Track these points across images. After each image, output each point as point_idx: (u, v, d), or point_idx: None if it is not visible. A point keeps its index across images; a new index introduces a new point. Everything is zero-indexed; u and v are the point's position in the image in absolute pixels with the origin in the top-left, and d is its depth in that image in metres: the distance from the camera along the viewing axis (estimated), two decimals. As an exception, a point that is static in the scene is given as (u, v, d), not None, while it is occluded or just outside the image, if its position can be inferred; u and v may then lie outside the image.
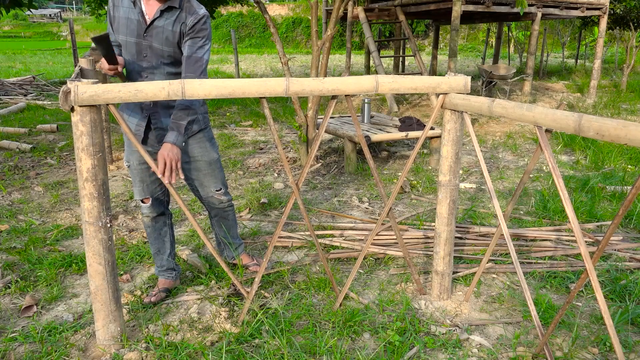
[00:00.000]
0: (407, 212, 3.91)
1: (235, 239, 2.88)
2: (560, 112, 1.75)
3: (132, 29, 2.25)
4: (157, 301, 2.55)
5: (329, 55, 4.84)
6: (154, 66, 2.30)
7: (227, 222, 2.79)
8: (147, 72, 2.31)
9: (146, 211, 2.54)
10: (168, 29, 2.24)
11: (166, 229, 2.63)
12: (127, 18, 2.25)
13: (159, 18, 2.23)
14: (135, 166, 2.43)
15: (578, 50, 17.28)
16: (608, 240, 1.68)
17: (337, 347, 2.13)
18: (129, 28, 2.25)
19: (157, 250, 2.63)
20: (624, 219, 3.67)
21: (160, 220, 2.59)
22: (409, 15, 9.71)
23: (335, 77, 2.09)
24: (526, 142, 6.47)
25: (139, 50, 2.27)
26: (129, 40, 2.27)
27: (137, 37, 2.25)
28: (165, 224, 2.62)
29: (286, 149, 5.89)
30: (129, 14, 2.26)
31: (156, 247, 2.63)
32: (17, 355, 2.14)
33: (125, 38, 2.27)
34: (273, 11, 33.72)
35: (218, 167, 2.58)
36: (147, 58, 2.28)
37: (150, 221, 2.57)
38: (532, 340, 2.26)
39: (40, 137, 6.33)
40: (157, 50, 2.26)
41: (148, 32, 2.24)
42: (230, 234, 2.83)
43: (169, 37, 2.25)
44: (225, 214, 2.76)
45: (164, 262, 2.64)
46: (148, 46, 2.26)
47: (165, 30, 2.24)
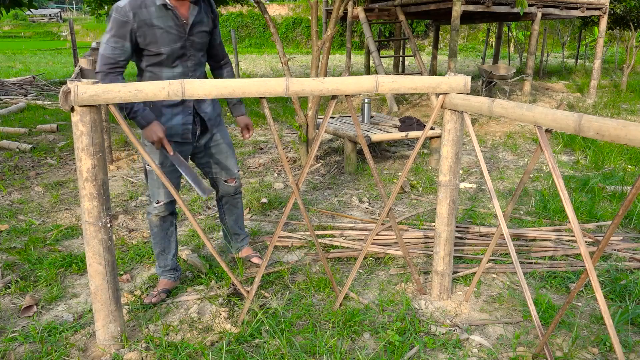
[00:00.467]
0: (407, 212, 3.91)
1: (242, 230, 2.99)
2: (560, 112, 1.75)
3: (173, 36, 2.28)
4: (157, 302, 2.56)
5: (329, 55, 4.84)
6: (195, 62, 2.42)
7: (237, 211, 2.90)
8: (190, 70, 2.41)
9: (157, 211, 2.55)
10: (204, 22, 2.39)
11: (172, 228, 2.64)
12: (163, 28, 2.25)
13: (198, 14, 2.35)
14: (167, 167, 2.47)
15: (578, 50, 17.28)
16: (608, 240, 1.68)
17: (337, 347, 2.14)
18: (169, 37, 2.27)
19: (162, 249, 2.63)
20: (624, 219, 3.68)
21: (168, 220, 2.61)
22: (409, 15, 9.71)
23: (335, 77, 2.09)
24: (526, 142, 6.47)
25: (184, 53, 2.35)
26: (174, 48, 2.30)
27: (182, 41, 2.32)
28: (172, 223, 2.64)
29: (286, 149, 5.89)
30: (164, 22, 2.25)
31: (161, 247, 2.63)
32: (17, 355, 2.14)
33: (169, 47, 2.28)
34: (273, 11, 33.72)
35: (234, 150, 2.76)
36: (191, 57, 2.39)
37: (159, 220, 2.58)
38: (532, 340, 2.26)
39: (40, 137, 6.33)
40: (197, 46, 2.40)
41: (190, 32, 2.34)
42: (238, 224, 2.93)
43: (205, 30, 2.41)
44: (235, 202, 2.86)
45: (168, 262, 2.65)
46: (191, 45, 2.37)
47: (203, 25, 2.39)
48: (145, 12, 2.21)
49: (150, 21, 2.22)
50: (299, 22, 32.01)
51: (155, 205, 2.54)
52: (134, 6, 2.19)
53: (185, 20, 2.31)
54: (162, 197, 2.51)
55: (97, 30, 36.72)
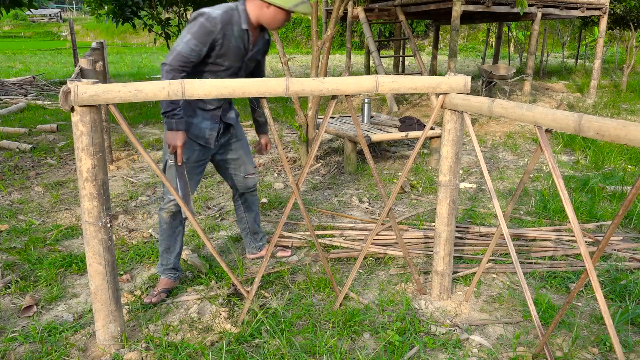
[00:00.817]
0: (407, 212, 3.91)
1: (261, 228, 3.06)
2: (560, 112, 1.75)
3: (238, 55, 2.47)
4: (157, 302, 2.56)
5: (329, 55, 4.84)
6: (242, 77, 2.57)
7: (255, 208, 2.98)
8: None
9: (168, 206, 2.57)
10: (260, 50, 2.59)
11: (181, 228, 2.66)
12: (237, 47, 2.44)
13: (261, 43, 2.57)
14: (190, 163, 2.56)
15: (578, 50, 17.28)
16: (608, 240, 1.68)
17: (337, 347, 2.14)
18: (236, 55, 2.46)
19: (167, 247, 2.64)
20: (624, 219, 3.68)
21: (178, 218, 2.62)
22: (409, 15, 9.71)
23: (335, 77, 2.09)
24: (526, 142, 6.47)
25: (237, 72, 2.53)
26: (235, 65, 2.49)
27: (242, 62, 2.51)
28: (182, 222, 2.66)
29: (286, 149, 5.89)
30: (238, 42, 2.43)
31: (167, 245, 2.64)
32: (17, 355, 2.14)
33: (232, 64, 2.47)
34: (273, 11, 33.66)
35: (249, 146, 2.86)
36: (240, 75, 2.56)
37: (169, 217, 2.60)
38: (532, 340, 2.26)
39: (40, 137, 6.33)
40: (249, 67, 2.60)
41: (250, 56, 2.53)
42: (256, 222, 3.01)
43: (258, 58, 2.62)
44: (254, 198, 2.94)
45: (171, 261, 2.65)
46: (245, 66, 2.56)
47: (259, 52, 2.59)
48: (230, 29, 2.38)
49: (230, 38, 2.39)
50: (299, 22, 32.00)
51: (169, 199, 2.56)
52: (224, 21, 2.35)
53: (252, 44, 2.51)
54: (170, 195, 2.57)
55: (97, 30, 36.71)
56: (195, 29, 2.30)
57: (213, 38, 2.33)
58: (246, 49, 2.48)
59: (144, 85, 1.91)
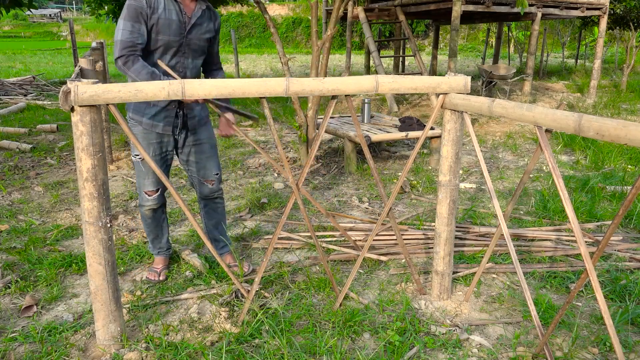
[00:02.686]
0: (407, 212, 3.91)
1: (223, 236, 2.94)
2: (560, 112, 1.75)
3: (174, 29, 2.41)
4: (165, 278, 2.77)
5: (329, 55, 4.84)
6: (189, 64, 2.52)
7: (217, 215, 2.89)
8: (182, 66, 2.51)
9: (150, 203, 2.67)
10: (204, 27, 2.50)
11: (164, 216, 2.82)
12: (167, 19, 2.38)
13: (200, 17, 2.47)
14: (152, 157, 2.57)
15: (578, 50, 17.28)
16: (608, 240, 1.68)
17: (337, 347, 2.13)
18: (171, 28, 2.40)
19: (156, 236, 2.81)
20: (624, 219, 3.67)
21: (159, 210, 2.76)
22: (409, 15, 9.71)
23: (335, 77, 2.09)
24: (526, 142, 6.47)
25: (178, 47, 2.45)
26: (172, 39, 2.42)
27: (180, 36, 2.43)
28: (164, 212, 2.80)
29: (286, 149, 5.89)
30: (167, 15, 2.38)
31: (154, 234, 2.81)
32: (17, 355, 2.14)
33: (168, 38, 2.41)
34: (273, 11, 33.71)
35: (217, 152, 2.79)
36: (185, 53, 2.48)
37: (152, 213, 2.72)
38: (532, 340, 2.26)
39: (40, 137, 6.33)
40: (194, 46, 2.49)
41: (190, 30, 2.45)
42: (217, 229, 2.91)
43: (205, 34, 2.52)
44: (215, 206, 2.87)
45: (163, 244, 2.84)
46: (187, 43, 2.47)
47: (203, 29, 2.50)
48: (156, 2, 2.36)
49: (158, 10, 2.36)
50: (299, 22, 32.00)
51: (147, 198, 2.65)
52: None
53: (188, 16, 2.44)
54: (148, 187, 2.63)
55: (97, 30, 36.70)
56: (125, 13, 2.34)
57: (144, 14, 2.33)
58: (182, 22, 2.42)
59: (144, 85, 1.91)
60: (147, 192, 2.63)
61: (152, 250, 2.86)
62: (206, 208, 2.87)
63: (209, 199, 2.82)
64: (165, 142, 2.60)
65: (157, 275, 2.76)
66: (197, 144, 2.67)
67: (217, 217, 2.89)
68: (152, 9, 2.34)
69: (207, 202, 2.84)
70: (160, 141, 2.58)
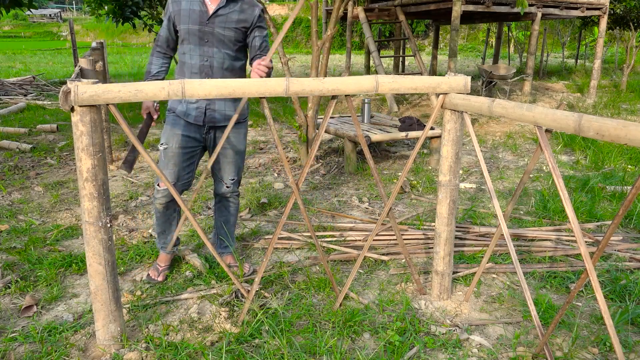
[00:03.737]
0: (407, 212, 3.91)
1: (228, 238, 2.95)
2: (560, 112, 1.75)
3: (194, 18, 2.49)
4: (163, 280, 2.74)
5: (329, 55, 4.84)
6: (216, 50, 2.54)
7: (227, 213, 2.91)
8: (208, 55, 2.54)
9: (160, 195, 2.68)
10: (232, 17, 2.52)
11: (175, 214, 2.80)
12: (189, 9, 2.50)
13: (224, 7, 2.50)
14: (174, 149, 2.61)
15: (578, 50, 17.27)
16: (608, 240, 1.68)
17: (337, 347, 2.13)
18: (191, 17, 2.49)
19: (163, 230, 2.82)
20: (624, 219, 3.67)
21: (171, 207, 2.75)
22: (409, 15, 9.71)
23: (335, 77, 2.09)
24: (526, 142, 6.47)
25: (201, 36, 2.51)
26: (192, 28, 2.50)
27: (200, 25, 2.49)
28: (175, 210, 2.78)
29: (286, 149, 5.89)
30: (190, 5, 2.50)
31: (162, 228, 2.81)
32: (17, 355, 2.14)
33: (187, 26, 2.50)
34: (273, 11, 33.71)
35: (242, 158, 2.80)
36: (209, 43, 2.52)
37: (163, 208, 2.72)
38: (532, 340, 2.26)
39: (40, 137, 6.33)
40: (219, 36, 2.51)
41: (211, 19, 2.49)
42: (224, 228, 2.94)
43: (232, 24, 2.52)
44: (227, 204, 2.89)
45: (168, 241, 2.82)
46: (210, 32, 2.50)
47: (229, 18, 2.51)
48: None
49: (180, 4, 2.51)
50: (299, 22, 32.00)
51: (159, 190, 2.67)
52: None
53: (210, 3, 2.51)
54: (170, 177, 2.64)
55: (97, 30, 36.70)
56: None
57: (170, 9, 2.53)
58: (203, 11, 2.48)
59: (144, 85, 1.91)
60: (158, 183, 2.68)
61: (157, 244, 2.87)
62: (219, 204, 2.91)
63: (224, 197, 2.86)
64: (191, 137, 2.62)
65: (157, 275, 2.77)
66: (223, 147, 2.70)
67: (227, 215, 2.92)
68: (176, 2, 2.52)
69: (220, 198, 2.88)
70: (187, 135, 2.61)
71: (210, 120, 2.61)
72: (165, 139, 2.62)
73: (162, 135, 2.65)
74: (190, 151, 2.65)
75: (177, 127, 2.60)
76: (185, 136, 2.61)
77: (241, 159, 2.79)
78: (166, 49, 2.64)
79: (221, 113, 2.62)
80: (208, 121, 2.61)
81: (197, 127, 2.62)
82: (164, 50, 2.64)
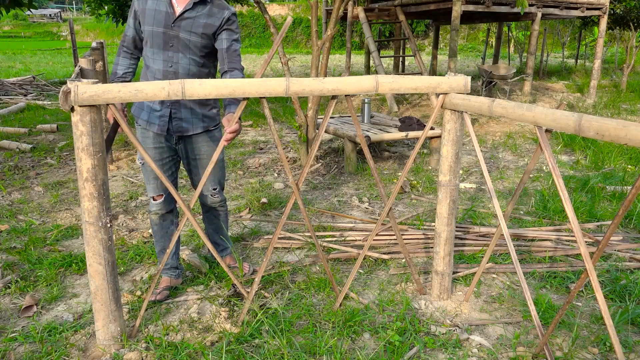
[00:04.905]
0: (407, 212, 3.91)
1: (223, 241, 2.90)
2: (560, 112, 1.75)
3: (159, 20, 2.35)
4: (161, 299, 2.57)
5: (329, 55, 4.84)
6: (181, 56, 2.39)
7: (217, 222, 2.84)
8: (172, 61, 2.40)
9: (155, 208, 2.57)
10: (199, 21, 2.36)
11: (173, 227, 2.66)
12: (154, 10, 2.36)
13: (190, 10, 2.35)
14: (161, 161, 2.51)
15: (578, 50, 17.27)
16: (608, 240, 1.68)
17: (337, 347, 2.13)
18: (155, 19, 2.35)
19: (162, 248, 2.65)
20: (624, 219, 3.67)
21: (168, 219, 2.62)
22: (409, 15, 9.71)
23: (335, 77, 2.09)
24: (526, 142, 6.47)
25: (165, 40, 2.37)
26: (156, 30, 2.36)
27: (165, 27, 2.35)
28: (173, 222, 2.66)
29: (286, 149, 5.89)
30: (156, 6, 2.36)
31: (161, 245, 2.65)
32: (17, 355, 2.14)
33: (151, 28, 2.36)
34: (273, 11, 33.70)
35: (220, 166, 2.66)
36: (173, 47, 2.38)
37: (159, 219, 2.60)
38: (532, 340, 2.26)
39: (40, 137, 6.33)
40: (185, 40, 2.36)
41: (176, 22, 2.35)
42: (218, 234, 2.87)
43: (199, 28, 2.36)
44: (216, 213, 2.81)
45: (168, 261, 2.66)
46: (175, 36, 2.36)
47: (196, 22, 2.36)
48: None
49: (146, 3, 2.37)
50: (299, 22, 31.99)
51: (152, 203, 2.57)
52: None
53: (175, 5, 2.37)
54: (151, 192, 2.55)
55: (97, 30, 36.69)
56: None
57: (136, 7, 2.40)
58: (169, 13, 2.34)
59: (144, 85, 1.91)
60: (153, 197, 2.56)
61: (158, 264, 2.71)
62: (207, 214, 2.82)
63: (211, 207, 2.77)
64: (164, 147, 2.50)
65: (155, 295, 2.58)
66: (195, 158, 2.57)
67: (217, 223, 2.84)
68: (142, 1, 2.38)
69: (208, 209, 2.78)
70: (160, 147, 2.49)
71: (177, 130, 2.46)
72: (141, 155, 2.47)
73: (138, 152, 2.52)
74: (167, 162, 2.54)
75: (147, 141, 2.47)
76: (158, 148, 2.48)
77: (219, 168, 2.65)
78: (133, 49, 2.49)
79: (188, 121, 2.46)
80: (175, 130, 2.45)
81: (166, 138, 2.49)
82: (130, 50, 2.49)
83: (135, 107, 2.52)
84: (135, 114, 2.52)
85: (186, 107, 2.45)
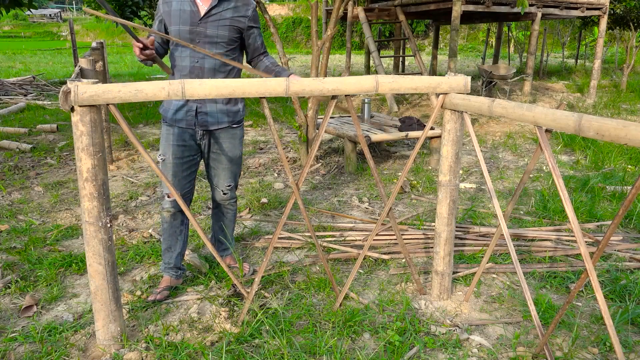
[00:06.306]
0: (407, 212, 3.91)
1: (227, 240, 2.91)
2: (560, 112, 1.75)
3: (185, 19, 2.42)
4: (161, 299, 2.58)
5: (329, 55, 4.84)
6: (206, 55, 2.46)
7: (224, 219, 2.86)
8: (198, 57, 2.46)
9: (168, 206, 2.60)
10: (226, 15, 2.46)
11: (182, 227, 2.69)
12: (179, 10, 2.43)
13: (217, 6, 2.44)
14: (171, 160, 2.54)
15: (578, 50, 17.26)
16: (608, 240, 1.68)
17: (337, 347, 2.13)
18: (181, 18, 2.43)
19: (168, 247, 2.68)
20: (624, 219, 3.67)
21: (178, 218, 2.65)
22: (409, 15, 9.71)
23: (335, 77, 2.09)
24: (526, 142, 6.47)
25: (192, 37, 2.44)
26: (182, 29, 2.43)
27: (191, 25, 2.43)
28: (183, 222, 2.68)
29: (286, 149, 5.89)
30: (181, 6, 2.43)
31: (168, 244, 2.68)
32: (17, 355, 2.14)
33: (178, 27, 2.43)
34: (273, 11, 33.70)
35: (237, 163, 2.72)
36: (200, 44, 2.44)
37: (170, 217, 2.63)
38: (532, 340, 2.26)
39: (40, 137, 6.33)
40: (211, 36, 2.44)
41: (203, 19, 2.43)
42: (222, 232, 2.89)
43: (225, 23, 2.46)
44: (225, 210, 2.84)
45: (172, 260, 2.68)
46: (201, 33, 2.44)
47: (222, 17, 2.45)
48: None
49: (171, 4, 2.44)
50: (299, 22, 31.99)
51: (166, 200, 2.60)
52: None
53: (200, 4, 2.44)
54: (166, 190, 2.58)
55: (97, 30, 36.70)
56: None
57: (161, 10, 2.48)
58: (194, 12, 2.42)
59: (144, 85, 1.91)
60: (167, 194, 2.59)
61: (161, 267, 2.72)
62: (216, 210, 2.86)
63: (221, 204, 2.81)
64: (186, 146, 2.55)
65: (155, 295, 2.60)
66: (216, 152, 2.63)
67: (224, 220, 2.86)
68: (167, 3, 2.46)
69: (217, 204, 2.83)
70: (182, 145, 2.53)
71: (202, 124, 2.53)
72: (162, 151, 2.56)
73: (160, 147, 2.60)
74: (187, 161, 2.58)
75: (171, 138, 2.53)
76: (181, 146, 2.54)
77: (237, 165, 2.70)
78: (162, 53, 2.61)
79: (213, 116, 2.53)
80: (200, 124, 2.52)
81: (191, 134, 2.54)
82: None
83: (162, 107, 2.58)
84: (162, 113, 2.58)
85: (211, 101, 2.54)
